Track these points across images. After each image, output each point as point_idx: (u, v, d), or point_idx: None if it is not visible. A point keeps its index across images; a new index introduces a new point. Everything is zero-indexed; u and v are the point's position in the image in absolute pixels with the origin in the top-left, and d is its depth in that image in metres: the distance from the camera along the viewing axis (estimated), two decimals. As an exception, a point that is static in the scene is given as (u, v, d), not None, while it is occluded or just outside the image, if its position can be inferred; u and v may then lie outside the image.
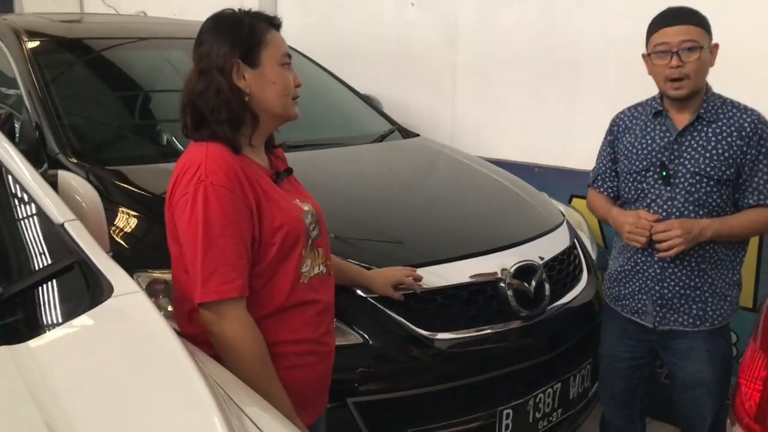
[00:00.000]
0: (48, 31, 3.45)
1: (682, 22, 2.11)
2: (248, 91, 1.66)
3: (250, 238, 1.62)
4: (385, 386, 2.18)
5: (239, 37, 1.67)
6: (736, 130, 2.15)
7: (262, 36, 1.68)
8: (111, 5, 6.26)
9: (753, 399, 1.53)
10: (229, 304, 1.59)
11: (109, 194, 2.54)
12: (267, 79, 1.68)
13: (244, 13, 1.73)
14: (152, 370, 1.32)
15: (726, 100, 2.22)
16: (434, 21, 4.29)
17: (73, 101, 3.11)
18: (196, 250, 1.58)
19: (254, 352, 1.61)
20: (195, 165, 1.62)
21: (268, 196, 1.67)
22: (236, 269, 1.59)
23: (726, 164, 2.14)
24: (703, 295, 2.21)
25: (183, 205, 1.60)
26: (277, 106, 1.70)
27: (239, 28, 1.68)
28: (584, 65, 3.62)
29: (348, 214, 2.53)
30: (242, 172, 1.63)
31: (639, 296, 2.29)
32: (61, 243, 1.62)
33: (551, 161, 3.60)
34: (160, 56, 3.52)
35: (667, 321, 2.25)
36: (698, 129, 2.18)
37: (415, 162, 3.37)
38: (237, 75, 1.66)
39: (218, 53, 1.66)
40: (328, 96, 3.80)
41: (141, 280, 2.17)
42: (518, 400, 2.34)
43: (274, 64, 1.69)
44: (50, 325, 1.47)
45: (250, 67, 1.67)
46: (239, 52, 1.66)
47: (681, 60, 2.10)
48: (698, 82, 2.14)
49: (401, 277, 2.19)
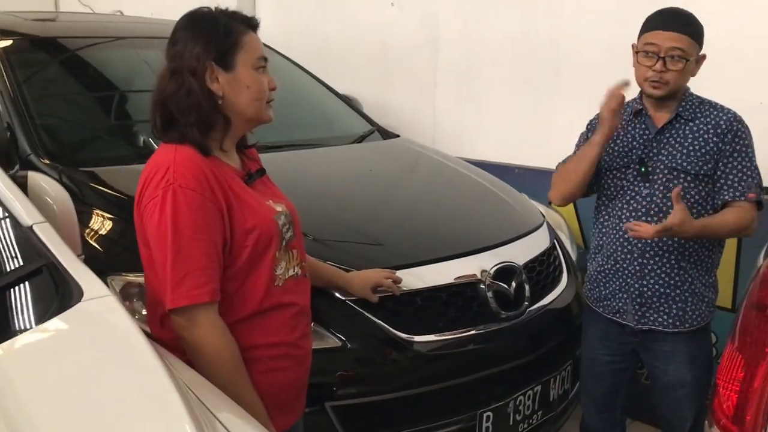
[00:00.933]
0: (21, 30, 3.39)
1: (676, 29, 2.11)
2: (221, 94, 1.63)
3: (221, 241, 1.59)
4: (364, 390, 2.15)
5: (214, 38, 1.63)
6: (713, 127, 2.17)
7: (237, 38, 1.64)
8: (87, 4, 6.18)
9: (731, 400, 1.53)
10: (201, 309, 1.56)
11: (83, 196, 2.50)
12: (241, 83, 1.64)
13: (220, 12, 1.69)
14: (122, 376, 1.28)
15: (704, 100, 2.24)
16: (414, 21, 4.28)
17: (47, 101, 3.05)
18: (165, 254, 1.55)
19: (227, 358, 1.58)
20: (163, 168, 1.58)
21: (239, 197, 1.64)
22: (207, 273, 1.56)
23: (703, 160, 2.16)
24: (683, 295, 2.21)
25: (152, 209, 1.57)
26: (250, 110, 1.67)
27: (214, 28, 1.64)
28: (564, 66, 3.62)
29: (327, 216, 2.51)
30: (212, 174, 1.59)
31: (619, 295, 2.29)
32: (29, 246, 1.59)
33: (531, 162, 3.60)
34: (136, 56, 3.47)
35: (647, 320, 2.25)
36: (676, 127, 2.20)
37: (396, 163, 3.35)
38: (210, 77, 1.62)
39: (191, 54, 1.61)
40: (308, 96, 3.77)
41: (115, 283, 2.13)
42: (498, 403, 2.32)
43: (248, 67, 1.65)
44: (18, 330, 1.42)
45: (224, 70, 1.63)
46: (213, 54, 1.62)
47: (665, 66, 2.11)
48: (677, 87, 2.16)
49: (380, 279, 2.17)
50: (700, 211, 2.18)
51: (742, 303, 1.69)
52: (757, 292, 1.63)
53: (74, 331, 1.40)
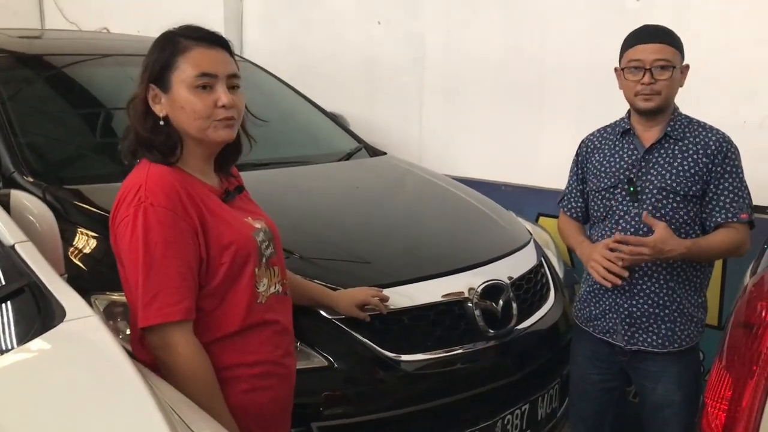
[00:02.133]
0: (6, 47, 3.37)
1: (657, 40, 2.14)
2: (162, 115, 1.62)
3: (196, 259, 1.58)
4: (351, 410, 2.13)
5: (152, 59, 1.64)
6: (702, 148, 2.17)
7: (173, 57, 1.62)
8: (73, 21, 6.16)
9: (719, 419, 1.52)
10: (174, 327, 1.54)
11: (68, 214, 2.47)
12: (176, 103, 1.62)
13: (176, 29, 1.67)
14: (105, 397, 1.26)
15: (693, 120, 2.24)
16: (401, 39, 4.30)
17: (31, 119, 3.02)
18: (137, 273, 1.54)
19: (200, 377, 1.56)
20: (135, 187, 1.58)
21: (214, 214, 1.63)
22: (180, 291, 1.54)
23: (692, 180, 2.16)
24: (672, 315, 2.21)
25: (123, 228, 1.56)
26: (192, 130, 1.63)
27: (157, 49, 1.64)
28: (549, 84, 3.64)
29: (314, 234, 2.50)
30: (185, 191, 1.59)
31: (609, 315, 2.28)
32: (11, 265, 1.57)
33: (518, 180, 3.61)
34: (122, 73, 3.45)
35: (636, 341, 2.24)
36: (665, 146, 2.20)
37: (383, 180, 3.35)
38: (153, 100, 1.63)
39: (138, 77, 1.64)
40: (294, 114, 3.76)
41: (99, 302, 2.10)
42: (486, 422, 2.31)
43: (183, 87, 1.61)
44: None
45: (162, 90, 1.62)
46: (149, 75, 1.63)
47: (653, 77, 2.13)
48: (667, 98, 2.17)
49: (367, 297, 2.15)
50: (688, 232, 2.18)
51: (729, 321, 1.69)
52: (744, 310, 1.62)
53: (56, 351, 1.38)
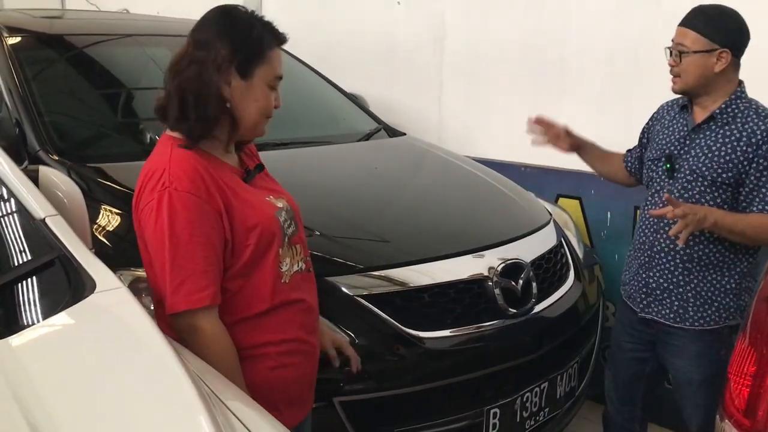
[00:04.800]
0: (29, 27, 3.40)
1: (686, 24, 2.13)
2: (229, 97, 1.61)
3: (221, 242, 1.58)
4: (372, 385, 2.15)
5: (244, 44, 1.61)
6: (747, 135, 2.09)
7: (264, 51, 1.63)
8: (93, 2, 6.18)
9: (742, 394, 1.53)
10: (200, 313, 1.56)
11: (91, 192, 2.50)
12: (252, 94, 1.63)
13: (256, 18, 1.67)
14: (136, 368, 1.28)
15: (753, 104, 2.15)
16: (421, 20, 4.28)
17: (55, 98, 3.06)
18: (163, 258, 1.54)
19: (224, 360, 1.56)
20: (159, 170, 1.58)
21: (238, 196, 1.63)
22: (207, 276, 1.55)
23: (724, 167, 2.10)
24: (685, 295, 2.21)
25: (148, 213, 1.57)
26: (251, 121, 1.65)
27: (248, 34, 1.63)
28: (571, 65, 3.62)
29: (334, 213, 2.51)
30: (208, 174, 1.59)
31: (633, 282, 2.35)
32: (41, 238, 1.59)
33: (537, 161, 3.60)
34: (142, 53, 3.48)
35: (651, 310, 2.29)
36: (712, 128, 2.15)
37: (402, 161, 3.35)
38: (225, 80, 1.61)
39: (218, 51, 1.60)
40: (315, 94, 3.77)
41: (124, 278, 2.12)
42: (505, 399, 2.33)
43: (264, 83, 1.63)
44: (31, 322, 1.43)
45: (241, 77, 1.62)
46: (238, 58, 1.61)
47: (674, 60, 2.13)
48: (690, 82, 2.13)
49: (346, 344, 2.00)
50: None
51: (754, 297, 1.69)
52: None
53: (87, 323, 1.40)
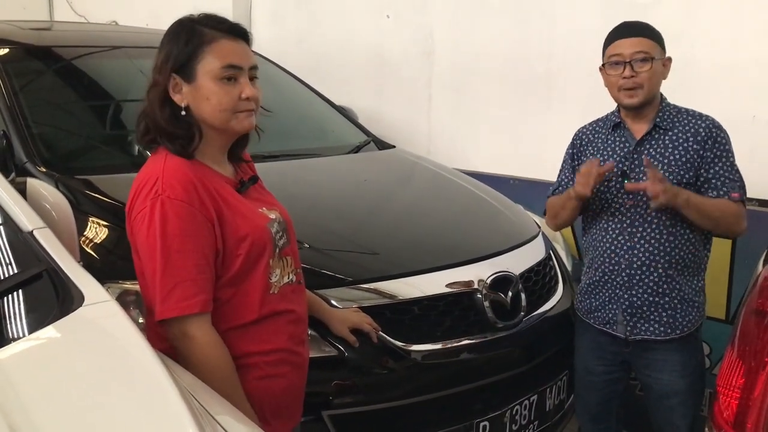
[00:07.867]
0: (16, 39, 3.38)
1: (635, 34, 2.20)
2: (183, 105, 1.61)
3: (213, 251, 1.58)
4: (361, 399, 2.15)
5: (176, 48, 1.61)
6: (692, 135, 2.20)
7: (199, 48, 1.60)
8: (81, 14, 6.17)
9: (731, 407, 1.53)
10: (192, 319, 1.55)
11: (79, 204, 2.49)
12: (201, 94, 1.60)
13: (197, 17, 1.65)
14: (125, 382, 1.28)
15: (681, 108, 2.28)
16: (409, 33, 4.31)
17: (42, 110, 3.05)
18: (155, 265, 1.54)
19: (219, 368, 1.57)
20: (152, 179, 1.58)
21: (230, 206, 1.62)
22: (197, 284, 1.55)
23: (684, 168, 2.19)
24: (672, 302, 2.23)
25: (141, 221, 1.57)
26: (215, 121, 1.62)
27: (179, 38, 1.62)
28: (558, 78, 3.65)
29: (323, 225, 2.51)
30: (201, 183, 1.59)
31: (609, 306, 2.30)
32: (29, 251, 1.58)
33: (526, 173, 3.62)
34: (131, 65, 3.47)
35: (639, 330, 2.26)
36: (655, 137, 2.24)
37: (391, 173, 3.36)
38: (173, 89, 1.61)
39: (158, 65, 1.62)
40: (304, 107, 3.77)
41: (112, 290, 2.11)
42: (495, 412, 2.32)
43: (208, 78, 1.59)
44: (18, 336, 1.41)
45: (185, 81, 1.61)
46: (172, 64, 1.60)
47: (633, 70, 2.17)
48: (651, 91, 2.20)
49: (360, 321, 2.10)
50: (684, 219, 2.19)
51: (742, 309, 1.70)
52: (757, 298, 1.63)
53: (75, 336, 1.39)
